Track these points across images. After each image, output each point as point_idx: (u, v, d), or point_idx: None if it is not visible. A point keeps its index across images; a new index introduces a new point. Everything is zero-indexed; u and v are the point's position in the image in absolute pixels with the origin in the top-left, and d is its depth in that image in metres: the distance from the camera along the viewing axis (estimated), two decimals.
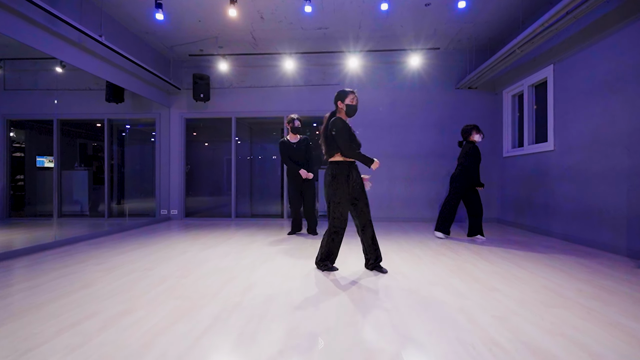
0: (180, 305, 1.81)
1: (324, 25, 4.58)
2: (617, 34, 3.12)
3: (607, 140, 3.24)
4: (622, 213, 3.06)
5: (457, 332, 1.50)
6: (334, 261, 2.52)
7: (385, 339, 1.43)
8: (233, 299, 1.90)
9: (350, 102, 2.40)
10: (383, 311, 1.73)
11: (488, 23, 4.51)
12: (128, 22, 4.50)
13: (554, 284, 2.20)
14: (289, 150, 4.01)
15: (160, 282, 2.23)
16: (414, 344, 1.39)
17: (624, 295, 1.99)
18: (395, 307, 1.79)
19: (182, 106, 5.80)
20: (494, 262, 2.79)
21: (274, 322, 1.59)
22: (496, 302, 1.86)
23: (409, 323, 1.59)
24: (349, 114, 2.42)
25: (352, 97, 2.41)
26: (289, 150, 4.01)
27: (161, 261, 2.79)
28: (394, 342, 1.40)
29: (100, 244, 3.59)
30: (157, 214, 5.84)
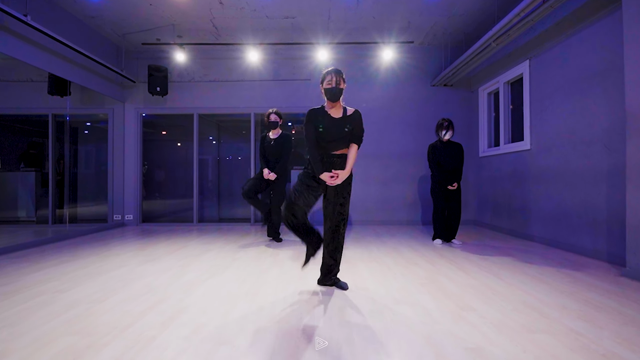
0: (72, 346, 1.40)
1: (290, 15, 4.23)
2: (593, 26, 2.95)
3: (584, 138, 3.06)
4: (602, 215, 2.87)
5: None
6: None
7: None
8: (148, 333, 1.50)
9: (327, 84, 2.02)
10: (334, 345, 1.39)
11: (463, 17, 4.30)
12: (67, 3, 3.97)
13: (535, 299, 1.93)
14: (265, 147, 3.70)
15: (67, 309, 1.79)
16: None
17: (612, 312, 1.74)
18: (348, 339, 1.45)
19: (138, 101, 5.28)
20: (469, 272, 2.51)
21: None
22: (470, 327, 1.56)
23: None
24: (329, 99, 2.05)
25: (329, 79, 2.01)
26: (265, 147, 3.70)
27: (83, 280, 2.34)
28: None
29: (26, 257, 3.06)
30: (109, 220, 5.28)
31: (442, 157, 3.53)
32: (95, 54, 4.44)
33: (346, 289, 2.11)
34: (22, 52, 3.54)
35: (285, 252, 3.22)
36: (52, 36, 3.59)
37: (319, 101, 5.33)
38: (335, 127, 2.04)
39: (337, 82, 2.00)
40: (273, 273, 2.50)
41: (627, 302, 1.87)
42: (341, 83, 2.02)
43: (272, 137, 3.69)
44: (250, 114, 5.30)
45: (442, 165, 3.53)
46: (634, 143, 2.34)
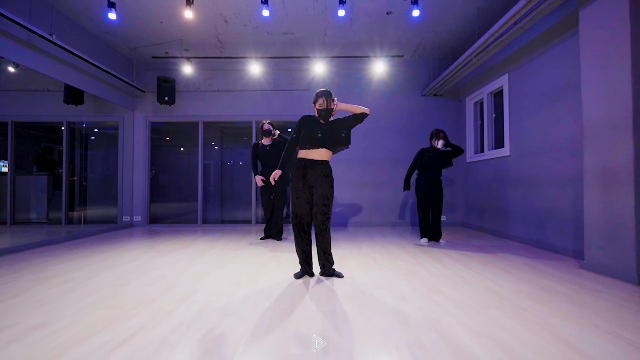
0: (107, 315, 1.71)
1: (289, 31, 4.59)
2: (560, 45, 3.29)
3: (555, 146, 3.38)
4: (568, 216, 3.18)
5: (386, 335, 1.48)
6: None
7: (309, 345, 1.40)
8: (166, 308, 1.81)
9: (319, 106, 2.36)
10: (321, 315, 1.70)
11: (449, 32, 4.66)
12: (85, 21, 4.35)
13: (497, 284, 2.24)
14: (259, 153, 4.04)
15: (95, 291, 2.11)
16: (337, 349, 1.36)
17: (559, 294, 2.05)
18: (332, 311, 1.76)
19: (147, 109, 5.64)
20: (446, 264, 2.82)
21: (200, 332, 1.52)
22: (435, 304, 1.87)
23: (341, 328, 1.56)
24: (322, 118, 2.38)
25: (321, 102, 2.35)
26: (259, 153, 4.04)
27: (104, 269, 2.66)
28: (318, 350, 1.36)
29: (48, 252, 3.38)
30: (119, 221, 5.61)
31: (428, 162, 3.84)
32: (109, 66, 4.80)
33: (342, 277, 2.42)
34: (46, 67, 3.90)
35: (283, 250, 3.53)
36: (72, 52, 3.95)
37: None
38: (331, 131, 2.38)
39: (327, 104, 2.34)
40: (272, 265, 2.81)
41: (576, 288, 2.18)
42: (331, 104, 2.36)
43: (266, 144, 4.03)
44: (251, 121, 5.64)
45: (425, 169, 3.85)
46: (590, 151, 2.66)
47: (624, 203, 2.36)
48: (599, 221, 2.55)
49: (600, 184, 2.55)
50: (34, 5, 3.69)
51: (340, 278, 2.41)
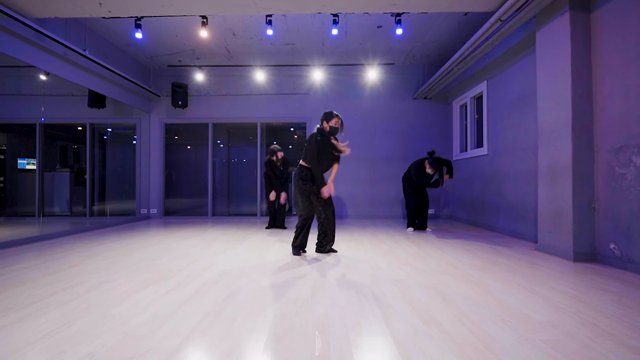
0: (151, 277, 2.27)
1: (291, 42, 5.11)
2: (526, 58, 3.78)
3: (522, 146, 3.88)
4: (531, 207, 3.69)
5: (358, 288, 2.02)
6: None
7: (304, 292, 1.93)
8: (195, 273, 2.37)
9: (334, 124, 2.89)
10: (311, 278, 2.24)
11: (436, 43, 5.15)
12: (110, 35, 4.90)
13: (457, 260, 2.76)
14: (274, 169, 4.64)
15: (136, 262, 2.67)
16: (323, 294, 1.89)
17: (503, 266, 2.57)
18: (321, 275, 2.30)
19: (161, 112, 6.20)
20: (422, 247, 3.35)
21: (222, 286, 2.07)
22: (402, 272, 2.40)
23: (326, 285, 2.10)
24: (331, 134, 2.92)
25: (336, 121, 2.89)
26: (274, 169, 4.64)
27: (138, 249, 3.22)
28: (309, 294, 1.90)
29: (82, 238, 3.96)
30: (137, 213, 6.19)
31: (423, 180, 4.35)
32: (128, 74, 5.35)
33: (335, 252, 3.05)
34: (77, 77, 4.46)
35: (287, 236, 4.08)
36: (101, 64, 4.50)
37: (315, 112, 6.19)
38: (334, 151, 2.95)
39: (341, 124, 2.90)
40: (276, 247, 3.36)
41: (520, 262, 2.69)
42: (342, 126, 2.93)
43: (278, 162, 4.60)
44: (256, 122, 6.18)
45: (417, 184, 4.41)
46: (542, 152, 3.16)
47: (564, 195, 2.86)
48: (548, 210, 3.05)
49: (548, 179, 3.06)
50: (69, 25, 4.24)
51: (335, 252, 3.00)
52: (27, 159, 6.66)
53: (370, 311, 1.66)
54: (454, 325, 1.50)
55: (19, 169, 6.59)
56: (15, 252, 3.12)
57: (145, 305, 1.73)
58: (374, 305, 1.74)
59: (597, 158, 2.75)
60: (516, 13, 3.10)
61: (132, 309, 1.68)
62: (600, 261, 2.69)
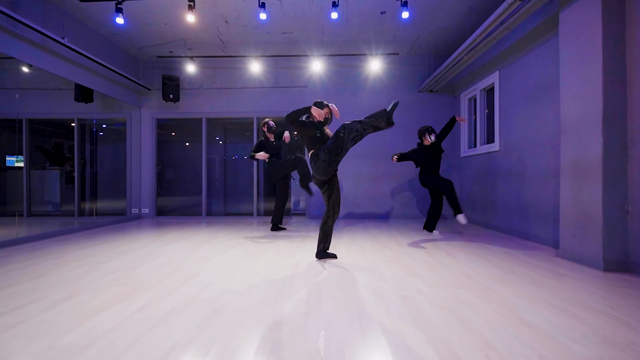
0: (123, 291, 1.97)
1: (287, 30, 4.78)
2: (544, 44, 3.43)
3: (539, 141, 3.55)
4: (549, 208, 3.36)
5: (360, 308, 1.72)
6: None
7: (296, 313, 1.63)
8: (174, 285, 2.07)
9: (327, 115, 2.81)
10: (305, 294, 1.94)
11: (442, 30, 4.80)
12: (94, 24, 4.58)
13: (472, 270, 2.45)
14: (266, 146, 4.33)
15: (111, 272, 2.37)
16: (319, 315, 1.59)
17: (526, 277, 2.26)
18: (317, 290, 2.00)
19: (152, 106, 5.89)
20: (431, 253, 3.04)
21: (202, 304, 1.77)
22: (410, 285, 2.10)
23: (323, 302, 1.80)
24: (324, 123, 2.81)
25: (327, 111, 2.82)
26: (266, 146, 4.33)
27: (118, 255, 2.93)
28: (301, 315, 1.60)
29: (64, 241, 3.68)
30: (127, 213, 5.91)
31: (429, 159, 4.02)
32: (116, 66, 5.04)
33: (335, 257, 2.77)
34: (58, 68, 4.15)
35: (283, 240, 3.78)
36: (83, 54, 4.19)
37: None
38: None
39: (331, 115, 2.79)
40: (269, 252, 3.06)
41: (543, 272, 2.38)
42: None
43: (272, 140, 4.29)
44: (253, 117, 5.86)
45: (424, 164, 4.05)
46: (566, 147, 2.83)
47: (593, 196, 2.54)
48: (572, 212, 2.73)
49: (573, 177, 2.73)
50: (47, 11, 3.93)
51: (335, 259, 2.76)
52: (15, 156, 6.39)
53: (374, 340, 1.36)
54: None
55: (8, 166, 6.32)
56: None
57: (102, 333, 1.44)
58: (378, 332, 1.43)
59: (631, 153, 2.42)
60: None
61: (85, 338, 1.39)
62: (634, 271, 2.37)
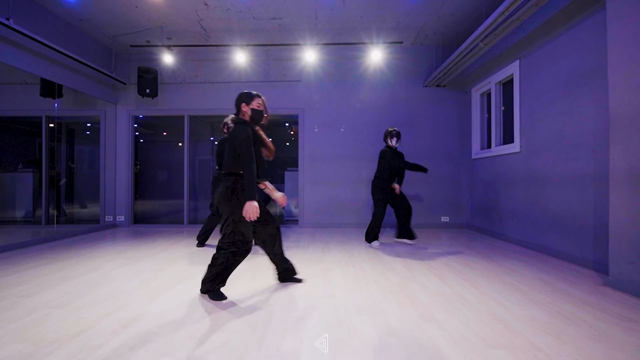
0: (18, 352, 1.38)
1: (277, 15, 4.19)
2: (580, 25, 2.85)
3: (573, 141, 2.96)
4: (589, 222, 2.77)
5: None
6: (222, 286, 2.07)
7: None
8: (100, 337, 1.48)
9: (257, 106, 2.03)
10: (279, 357, 1.34)
11: (453, 16, 4.22)
12: (55, 7, 4.00)
13: (505, 310, 1.86)
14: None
15: (26, 314, 1.78)
16: None
17: (584, 325, 1.66)
18: (296, 349, 1.41)
19: (129, 103, 5.31)
20: (445, 278, 2.44)
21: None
22: (427, 339, 1.50)
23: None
24: (255, 120, 2.04)
25: (259, 101, 2.04)
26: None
27: (53, 284, 2.33)
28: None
29: (5, 259, 3.08)
30: (101, 221, 5.32)
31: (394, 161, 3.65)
32: (85, 57, 4.47)
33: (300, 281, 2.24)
34: (8, 56, 3.57)
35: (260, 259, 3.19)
36: (37, 39, 3.61)
37: (308, 101, 5.30)
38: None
39: (264, 107, 2.06)
40: (247, 276, 2.46)
41: (603, 315, 1.79)
42: (266, 109, 2.09)
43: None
44: None
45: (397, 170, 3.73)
46: (618, 149, 2.24)
47: None
48: (629, 232, 2.14)
49: (630, 186, 2.14)
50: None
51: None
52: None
53: None
54: None
55: None
56: None
57: None
58: None
59: None
60: None
61: None
62: None
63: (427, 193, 5.11)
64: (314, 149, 5.14)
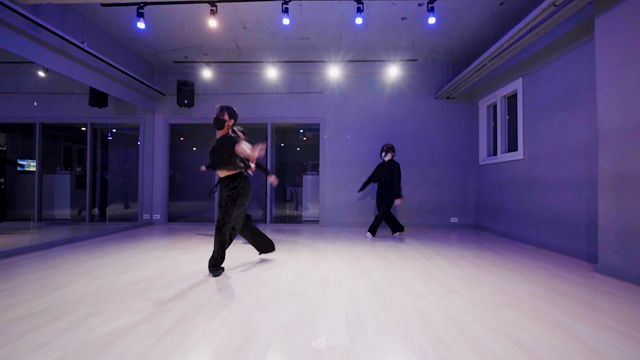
0: (150, 307, 1.86)
1: (305, 36, 4.71)
2: (575, 51, 3.33)
3: (569, 150, 3.43)
4: (582, 219, 3.22)
5: (407, 330, 1.59)
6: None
7: (340, 338, 1.51)
8: (198, 302, 1.96)
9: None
10: (343, 314, 1.81)
11: (463, 37, 4.72)
12: (111, 29, 4.55)
13: (511, 286, 2.32)
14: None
15: (131, 285, 2.27)
16: (364, 342, 1.47)
17: (573, 296, 2.12)
18: (355, 309, 1.88)
19: (166, 111, 5.84)
20: (461, 266, 2.90)
21: (237, 320, 1.65)
22: (452, 303, 1.97)
23: (366, 324, 1.67)
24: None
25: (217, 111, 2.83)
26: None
27: (135, 266, 2.83)
28: (348, 341, 1.48)
29: (78, 248, 3.58)
30: (139, 219, 5.82)
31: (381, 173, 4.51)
32: (132, 71, 5.00)
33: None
34: (76, 72, 4.11)
35: (299, 250, 3.66)
36: (101, 59, 4.15)
37: (330, 111, 5.78)
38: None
39: (220, 114, 2.77)
40: (291, 264, 2.94)
41: (589, 290, 2.24)
42: (225, 115, 2.78)
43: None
44: (267, 123, 5.79)
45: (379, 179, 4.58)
46: (605, 157, 2.70)
47: (637, 208, 2.40)
48: (614, 226, 2.59)
49: (615, 189, 2.60)
50: (66, 15, 3.89)
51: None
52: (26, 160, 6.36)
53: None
54: None
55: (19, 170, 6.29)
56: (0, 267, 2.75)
57: (135, 357, 1.32)
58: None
59: None
60: None
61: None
62: None
63: (438, 196, 5.57)
64: (333, 155, 5.64)
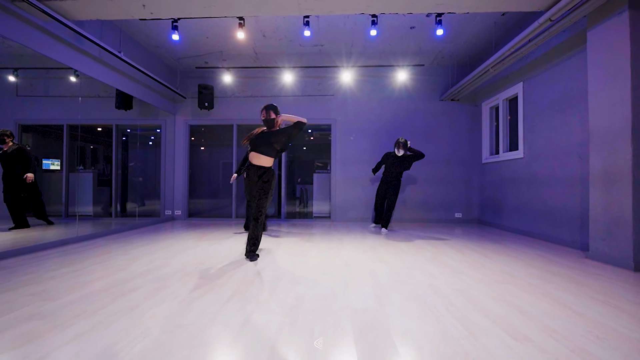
0: (206, 283, 2.22)
1: (319, 43, 5.06)
2: (570, 59, 3.66)
3: (565, 149, 3.76)
4: (576, 212, 3.56)
5: (424, 298, 1.94)
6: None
7: (370, 303, 1.86)
8: (246, 279, 2.31)
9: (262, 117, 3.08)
10: (369, 287, 2.16)
11: (467, 44, 5.04)
12: (140, 38, 4.91)
13: (511, 269, 2.66)
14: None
15: (182, 267, 2.63)
16: (391, 305, 1.82)
17: (564, 276, 2.46)
18: (379, 284, 2.23)
19: (186, 113, 6.20)
20: (466, 254, 3.25)
21: (282, 292, 2.01)
22: (459, 281, 2.31)
23: (389, 294, 2.02)
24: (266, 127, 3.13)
25: (263, 113, 3.08)
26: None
27: (177, 253, 3.19)
28: (377, 305, 1.83)
29: (117, 239, 3.95)
30: (161, 214, 6.19)
31: (389, 165, 4.74)
32: (157, 75, 5.36)
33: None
34: (110, 78, 4.47)
35: (317, 240, 4.01)
36: (134, 66, 4.50)
37: (341, 113, 6.11)
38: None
39: (267, 115, 3.03)
40: (314, 251, 3.29)
41: (578, 272, 2.58)
42: (271, 114, 3.04)
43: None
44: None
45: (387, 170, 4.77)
46: (595, 156, 3.04)
47: (623, 201, 2.74)
48: (603, 217, 2.93)
49: (603, 185, 2.94)
50: (104, 27, 4.25)
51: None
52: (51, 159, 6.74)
53: (451, 325, 1.58)
54: (548, 342, 1.41)
55: (44, 169, 6.67)
56: (58, 254, 3.11)
57: (212, 313, 1.68)
58: (450, 318, 1.65)
59: None
60: (568, 12, 2.99)
61: (202, 318, 1.63)
62: None
63: (443, 192, 5.91)
64: (344, 154, 5.98)
